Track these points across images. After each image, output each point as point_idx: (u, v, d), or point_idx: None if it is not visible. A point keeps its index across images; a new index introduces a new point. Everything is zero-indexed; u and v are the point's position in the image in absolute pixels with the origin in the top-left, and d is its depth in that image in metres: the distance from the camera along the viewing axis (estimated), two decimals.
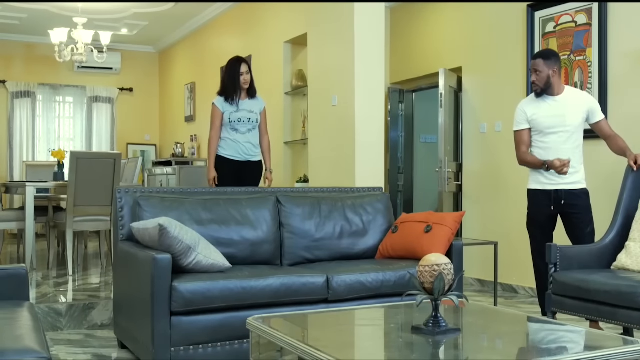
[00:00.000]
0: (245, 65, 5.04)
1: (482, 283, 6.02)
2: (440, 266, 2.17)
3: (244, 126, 5.02)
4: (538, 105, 4.05)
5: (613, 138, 4.03)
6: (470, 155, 6.22)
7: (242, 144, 5.02)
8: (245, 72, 5.02)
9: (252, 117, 5.04)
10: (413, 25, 6.97)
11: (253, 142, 5.07)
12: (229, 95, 5.02)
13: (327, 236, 3.98)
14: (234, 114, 5.01)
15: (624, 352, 2.02)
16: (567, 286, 3.47)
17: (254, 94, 5.11)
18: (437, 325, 2.19)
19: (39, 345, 1.93)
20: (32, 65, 9.82)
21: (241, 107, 5.03)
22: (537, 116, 4.02)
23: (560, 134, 3.99)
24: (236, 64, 5.03)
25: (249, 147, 5.05)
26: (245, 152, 5.04)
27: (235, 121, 5.00)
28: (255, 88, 5.15)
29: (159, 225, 3.14)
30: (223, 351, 3.14)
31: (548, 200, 4.03)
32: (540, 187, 4.07)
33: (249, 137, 5.04)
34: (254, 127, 5.05)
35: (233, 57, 5.15)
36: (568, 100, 4.02)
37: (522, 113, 4.10)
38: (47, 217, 6.23)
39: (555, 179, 4.00)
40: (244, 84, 5.02)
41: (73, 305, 4.20)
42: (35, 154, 9.77)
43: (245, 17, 7.70)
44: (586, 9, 5.11)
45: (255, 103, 5.10)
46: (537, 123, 4.03)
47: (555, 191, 4.01)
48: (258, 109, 5.11)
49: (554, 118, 3.99)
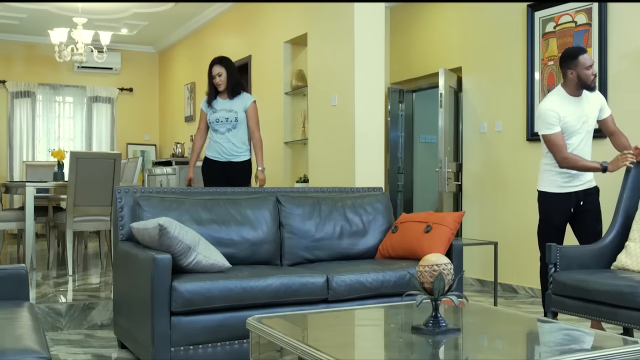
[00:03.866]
0: (219, 67, 4.98)
1: (482, 283, 6.02)
2: (440, 266, 2.17)
3: (223, 126, 4.98)
4: (566, 106, 3.91)
5: (617, 135, 4.00)
6: (470, 155, 6.22)
7: (222, 144, 5.00)
8: (217, 73, 4.97)
9: (231, 117, 4.98)
10: (413, 25, 6.97)
11: (234, 141, 5.00)
12: (209, 97, 5.06)
13: (327, 236, 3.98)
14: (212, 115, 5.03)
15: (623, 352, 2.02)
16: (567, 286, 3.47)
17: (235, 92, 5.01)
18: (437, 325, 2.19)
19: (38, 345, 1.93)
20: (32, 65, 9.82)
21: (219, 107, 5.00)
22: (567, 118, 3.89)
23: (582, 135, 3.94)
24: (210, 66, 5.03)
25: (230, 147, 5.00)
26: (226, 153, 5.00)
27: (214, 122, 5.01)
28: (241, 83, 5.08)
29: (158, 225, 3.14)
30: (223, 351, 3.14)
31: (568, 204, 3.96)
32: (560, 191, 3.96)
33: (229, 137, 4.99)
34: (233, 126, 4.99)
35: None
36: (587, 100, 3.97)
37: (555, 114, 3.87)
38: (47, 217, 6.22)
39: (574, 182, 3.95)
40: (217, 86, 5.00)
41: (73, 305, 4.20)
42: (35, 154, 9.76)
43: (245, 17, 7.70)
44: (586, 9, 5.11)
45: (236, 102, 5.02)
46: (568, 125, 3.89)
47: (575, 193, 3.96)
48: (240, 107, 5.02)
49: (580, 119, 3.92)
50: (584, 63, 3.86)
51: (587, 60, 3.87)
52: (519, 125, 5.66)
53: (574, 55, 3.92)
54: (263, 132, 7.24)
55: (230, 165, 5.01)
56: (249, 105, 5.05)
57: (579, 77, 3.88)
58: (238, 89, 5.04)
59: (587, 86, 3.90)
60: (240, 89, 5.06)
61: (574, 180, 3.97)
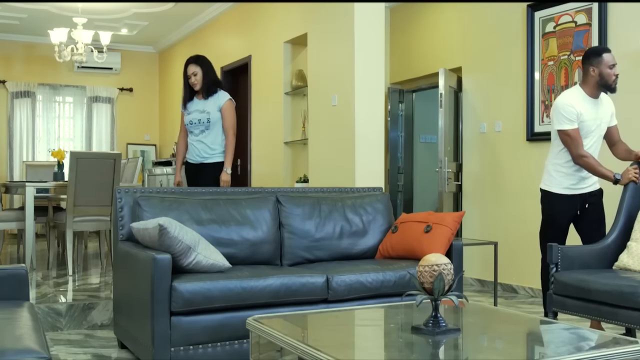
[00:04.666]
0: (193, 66, 4.84)
1: (482, 283, 6.02)
2: (440, 266, 2.17)
3: (196, 128, 4.87)
4: (585, 105, 3.87)
5: (619, 144, 4.00)
6: (470, 156, 6.22)
7: (195, 146, 4.89)
8: (192, 73, 4.82)
9: (203, 118, 4.83)
10: (413, 25, 6.97)
11: (207, 142, 4.86)
12: (184, 98, 4.95)
13: (327, 236, 3.98)
14: (186, 116, 4.92)
15: (623, 352, 2.02)
16: (568, 286, 3.47)
17: (209, 92, 4.84)
18: (436, 325, 2.19)
19: (38, 345, 1.93)
20: (32, 65, 9.82)
21: (193, 108, 4.88)
22: (585, 117, 3.86)
23: (595, 138, 3.92)
24: (185, 65, 4.89)
25: (203, 149, 4.87)
26: (198, 154, 4.89)
27: (188, 124, 4.90)
28: (218, 82, 4.93)
29: (158, 225, 3.14)
30: (223, 351, 3.14)
31: (574, 205, 3.95)
32: (567, 192, 3.94)
33: (201, 139, 4.86)
34: (206, 127, 4.84)
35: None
36: (602, 104, 3.95)
37: (574, 110, 3.81)
38: (47, 217, 6.22)
39: (582, 184, 3.94)
40: (192, 86, 4.86)
41: (73, 305, 4.20)
42: (35, 154, 9.76)
43: (245, 17, 7.69)
44: (586, 9, 5.10)
45: (210, 102, 4.85)
46: (584, 125, 3.85)
47: (581, 195, 3.95)
48: (214, 107, 4.84)
49: (595, 121, 3.89)
50: (607, 61, 3.83)
51: (611, 59, 3.85)
52: (519, 125, 5.66)
53: (599, 52, 3.89)
54: (264, 133, 7.31)
55: (202, 167, 4.90)
56: (224, 103, 4.85)
57: (600, 75, 3.84)
58: (214, 87, 4.87)
59: (608, 85, 3.87)
60: (217, 87, 4.89)
61: (582, 182, 3.95)
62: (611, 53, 3.89)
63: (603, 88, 3.89)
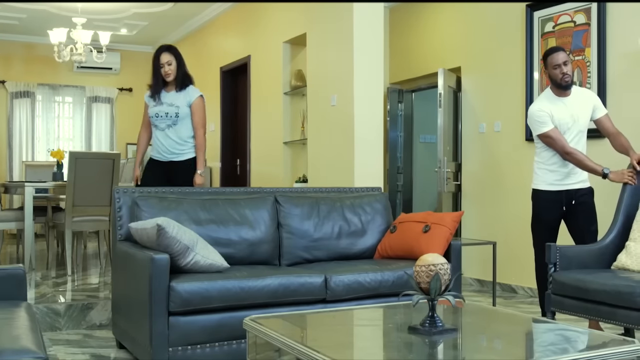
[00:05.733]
0: (168, 55, 4.54)
1: (482, 283, 6.01)
2: (437, 266, 2.17)
3: (162, 121, 4.56)
4: (553, 106, 3.95)
5: (616, 135, 3.99)
6: (469, 155, 6.22)
7: (161, 141, 4.59)
8: (167, 62, 4.52)
9: (171, 111, 4.53)
10: (412, 25, 6.97)
11: (175, 138, 4.57)
12: (153, 89, 4.61)
13: (325, 236, 3.98)
14: (152, 108, 4.60)
15: (618, 352, 2.02)
16: (566, 286, 3.47)
17: (183, 85, 4.58)
18: (433, 325, 2.19)
19: (35, 345, 1.93)
20: (31, 65, 9.82)
21: (161, 100, 4.57)
22: (557, 116, 3.93)
23: (574, 134, 3.96)
24: (157, 53, 4.56)
25: (170, 145, 4.57)
26: (166, 151, 4.59)
27: (153, 116, 4.58)
28: (189, 76, 4.65)
29: (157, 225, 3.14)
30: (221, 351, 3.14)
31: (559, 202, 3.98)
32: (551, 188, 4.00)
33: (168, 134, 4.57)
34: (174, 122, 4.54)
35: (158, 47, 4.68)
36: (577, 100, 4.00)
37: (544, 113, 3.92)
38: (46, 217, 6.22)
39: (566, 180, 3.97)
40: (165, 76, 4.54)
41: (71, 306, 4.20)
42: (34, 154, 9.76)
43: (244, 17, 7.70)
44: (585, 9, 5.10)
45: (180, 96, 4.58)
46: (558, 124, 3.93)
47: (567, 191, 3.98)
48: (184, 101, 4.57)
49: (569, 118, 3.94)
50: (551, 62, 3.95)
51: (554, 60, 3.93)
52: (518, 125, 5.66)
53: (545, 55, 4.03)
54: (263, 133, 7.31)
55: (171, 165, 4.60)
56: (195, 99, 4.58)
57: (549, 76, 3.99)
58: (187, 81, 4.61)
59: (558, 84, 3.95)
60: (189, 81, 4.64)
61: (566, 178, 3.99)
62: (557, 53, 3.95)
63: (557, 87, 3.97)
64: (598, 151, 4.35)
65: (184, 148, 4.59)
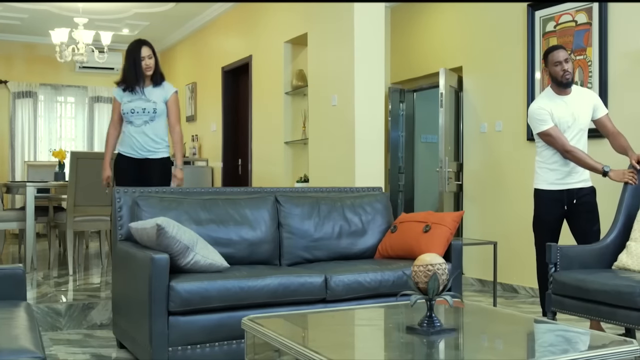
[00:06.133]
0: (148, 49, 4.43)
1: (483, 283, 6.01)
2: (435, 266, 2.17)
3: (139, 118, 4.43)
4: (554, 105, 3.95)
5: (616, 136, 3.98)
6: (471, 155, 6.21)
7: (136, 138, 4.45)
8: (148, 56, 4.41)
9: (149, 107, 4.42)
10: (414, 25, 6.96)
11: (151, 135, 4.45)
12: (129, 83, 4.43)
13: (326, 236, 3.97)
14: (127, 104, 4.45)
15: (617, 353, 2.01)
16: (567, 286, 3.46)
17: (159, 80, 4.49)
18: (431, 325, 2.19)
19: (33, 345, 1.93)
20: (33, 65, 9.83)
21: (136, 96, 4.44)
22: (557, 115, 3.94)
23: (575, 132, 3.96)
24: (136, 47, 4.42)
25: (146, 142, 4.45)
26: (141, 148, 4.46)
27: (129, 112, 4.44)
28: (162, 74, 4.56)
29: (156, 225, 3.14)
30: (221, 351, 3.14)
31: (560, 201, 3.98)
32: (551, 187, 3.99)
33: (144, 130, 4.44)
34: (151, 118, 4.43)
35: (133, 41, 4.53)
36: (577, 99, 4.00)
37: (544, 111, 3.93)
38: (47, 217, 6.23)
39: (567, 179, 3.97)
40: (146, 70, 4.41)
41: (72, 305, 4.20)
42: (36, 154, 9.78)
43: (245, 17, 7.70)
44: (586, 9, 5.09)
45: (157, 91, 4.48)
46: (558, 122, 3.93)
47: (568, 191, 3.98)
48: (160, 97, 4.47)
49: (569, 117, 3.95)
50: (551, 59, 3.96)
51: (555, 57, 3.95)
52: (520, 124, 5.65)
53: (546, 52, 4.05)
54: (264, 132, 7.31)
55: (146, 162, 4.47)
56: (170, 95, 4.51)
57: (550, 73, 3.99)
58: (162, 77, 4.53)
59: (559, 82, 3.96)
60: (163, 78, 4.56)
61: (567, 177, 3.98)
62: (558, 50, 3.97)
63: (558, 85, 3.98)
64: (598, 151, 4.34)
65: (159, 147, 4.51)
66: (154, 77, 4.48)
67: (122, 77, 4.51)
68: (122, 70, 4.54)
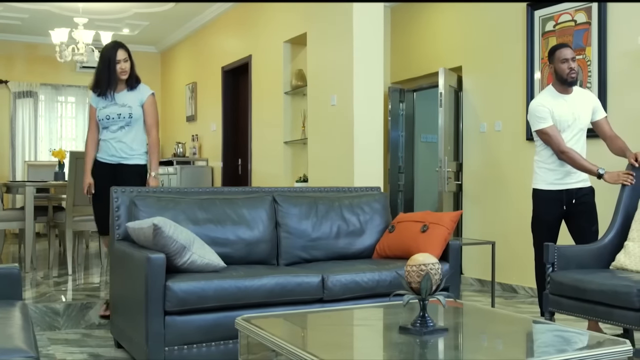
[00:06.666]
0: (124, 52, 4.20)
1: (482, 283, 6.00)
2: (428, 266, 2.16)
3: (114, 123, 4.21)
4: (555, 103, 3.95)
5: (613, 139, 3.98)
6: (471, 155, 6.21)
7: (112, 144, 4.23)
8: (123, 59, 4.17)
9: (124, 112, 4.21)
10: (413, 24, 6.96)
11: (127, 141, 4.24)
12: (102, 88, 4.20)
13: (323, 236, 3.97)
14: (102, 110, 4.23)
15: (610, 353, 2.00)
16: (564, 286, 3.45)
17: (134, 84, 4.27)
18: (424, 325, 2.18)
19: (26, 344, 1.93)
20: (34, 65, 9.84)
21: (111, 101, 4.21)
22: (557, 113, 3.93)
23: (575, 132, 3.96)
24: (111, 50, 4.19)
25: (122, 148, 4.23)
26: (116, 154, 4.24)
27: (104, 119, 4.22)
28: (138, 77, 4.31)
29: (153, 225, 3.15)
30: (217, 351, 3.14)
31: (559, 201, 3.97)
32: (550, 188, 3.99)
33: (120, 136, 4.23)
34: (127, 123, 4.22)
35: (109, 42, 4.34)
36: (578, 99, 4.00)
37: (545, 109, 3.92)
38: (47, 217, 6.24)
39: (566, 179, 3.97)
40: (121, 74, 4.18)
41: (70, 305, 4.21)
42: (37, 154, 9.79)
43: (245, 17, 7.70)
44: (585, 8, 5.08)
45: (132, 95, 4.25)
46: (556, 122, 3.93)
47: (567, 191, 3.97)
48: (136, 101, 4.25)
49: (569, 116, 3.94)
50: (558, 56, 3.95)
51: (563, 54, 3.94)
52: (519, 124, 5.64)
53: (552, 50, 4.04)
54: (264, 132, 7.31)
55: (121, 168, 4.25)
56: (147, 98, 4.29)
57: (555, 70, 3.97)
58: (137, 80, 4.31)
59: (564, 79, 3.95)
60: (139, 81, 4.33)
61: (566, 177, 3.97)
62: (566, 48, 3.98)
63: (562, 83, 3.96)
64: (597, 151, 4.33)
65: (135, 153, 4.28)
66: (129, 81, 4.25)
67: (94, 80, 4.28)
68: (95, 72, 4.28)
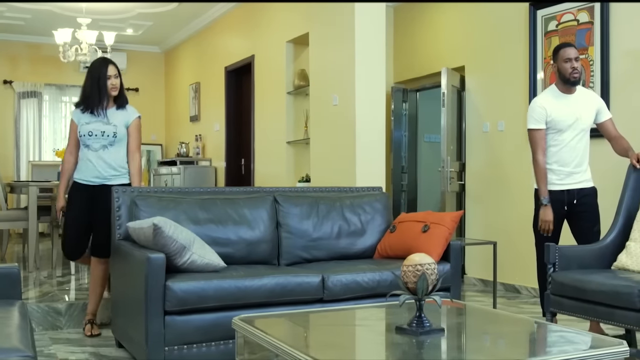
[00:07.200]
0: (114, 68, 4.04)
1: (485, 283, 5.99)
2: (424, 266, 2.16)
3: (97, 141, 3.97)
4: (556, 103, 3.94)
5: (617, 139, 3.97)
6: (473, 155, 6.20)
7: (93, 163, 3.98)
8: (114, 75, 4.02)
9: (109, 130, 3.98)
10: (416, 24, 6.95)
11: (109, 161, 4.00)
12: (91, 104, 3.99)
13: (324, 236, 3.97)
14: (84, 126, 3.98)
15: (606, 354, 2.00)
16: (565, 286, 3.44)
17: (123, 103, 4.08)
18: (420, 325, 2.18)
19: (23, 344, 1.94)
20: (37, 65, 9.87)
21: (95, 118, 3.99)
22: (556, 114, 3.92)
23: (576, 132, 3.94)
24: (101, 66, 4.02)
25: (104, 169, 3.98)
26: (98, 176, 3.98)
27: (86, 135, 3.97)
28: (126, 97, 4.15)
29: (153, 225, 3.15)
30: (217, 351, 3.14)
31: (560, 201, 3.96)
32: (552, 188, 3.97)
33: (102, 155, 3.98)
34: (110, 142, 3.99)
35: (97, 59, 4.16)
36: (580, 99, 3.98)
37: (542, 110, 3.92)
38: (50, 217, 6.26)
39: (568, 180, 3.96)
40: (111, 90, 4.01)
41: (72, 304, 4.22)
42: (41, 154, 9.82)
43: (248, 17, 7.71)
44: (588, 8, 5.07)
45: (120, 114, 4.05)
46: (556, 122, 3.92)
47: (568, 191, 3.96)
48: (122, 121, 4.04)
49: (571, 116, 3.93)
50: (562, 55, 3.94)
51: (566, 53, 3.93)
52: (522, 124, 5.60)
53: (557, 49, 4.03)
54: (267, 132, 7.31)
55: (100, 190, 3.96)
56: (133, 120, 4.09)
57: (558, 69, 3.96)
58: (126, 100, 4.14)
59: (566, 79, 3.94)
60: (127, 101, 4.15)
61: (568, 178, 3.96)
62: (570, 47, 3.98)
63: (565, 83, 3.96)
64: (602, 151, 4.32)
65: (118, 174, 4.04)
66: (118, 100, 4.07)
67: (82, 96, 4.05)
68: (82, 89, 4.07)
